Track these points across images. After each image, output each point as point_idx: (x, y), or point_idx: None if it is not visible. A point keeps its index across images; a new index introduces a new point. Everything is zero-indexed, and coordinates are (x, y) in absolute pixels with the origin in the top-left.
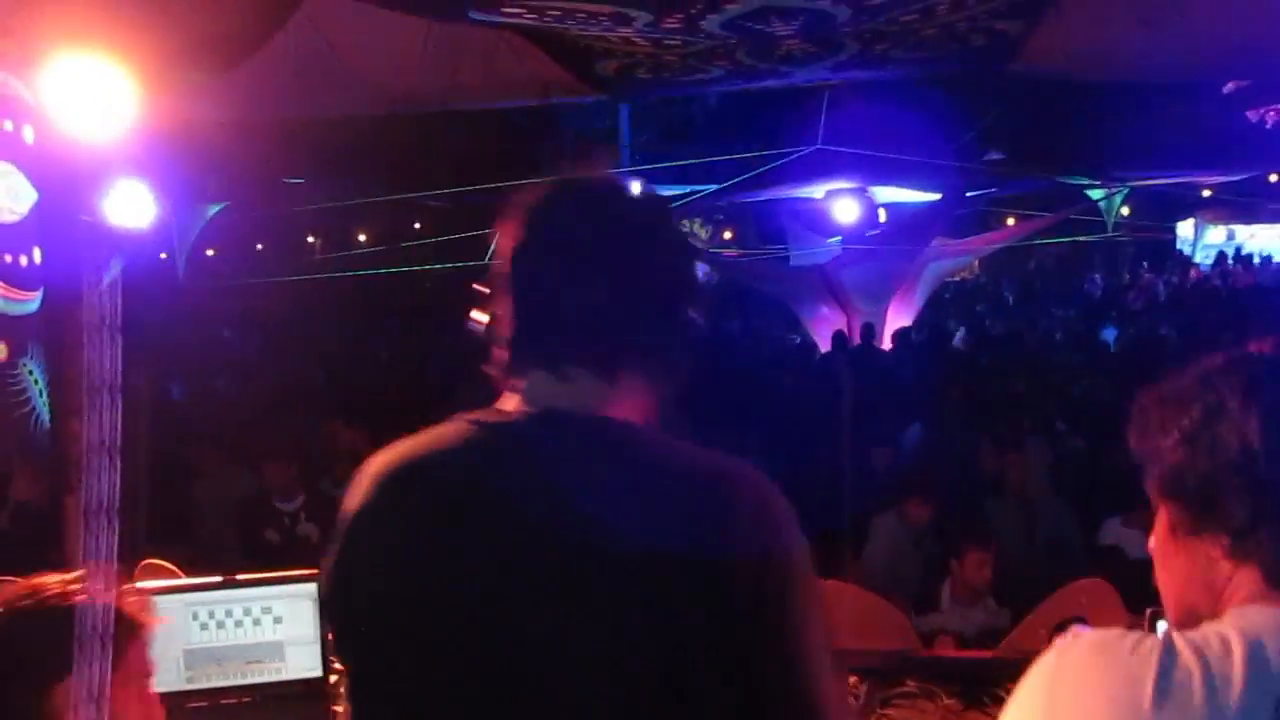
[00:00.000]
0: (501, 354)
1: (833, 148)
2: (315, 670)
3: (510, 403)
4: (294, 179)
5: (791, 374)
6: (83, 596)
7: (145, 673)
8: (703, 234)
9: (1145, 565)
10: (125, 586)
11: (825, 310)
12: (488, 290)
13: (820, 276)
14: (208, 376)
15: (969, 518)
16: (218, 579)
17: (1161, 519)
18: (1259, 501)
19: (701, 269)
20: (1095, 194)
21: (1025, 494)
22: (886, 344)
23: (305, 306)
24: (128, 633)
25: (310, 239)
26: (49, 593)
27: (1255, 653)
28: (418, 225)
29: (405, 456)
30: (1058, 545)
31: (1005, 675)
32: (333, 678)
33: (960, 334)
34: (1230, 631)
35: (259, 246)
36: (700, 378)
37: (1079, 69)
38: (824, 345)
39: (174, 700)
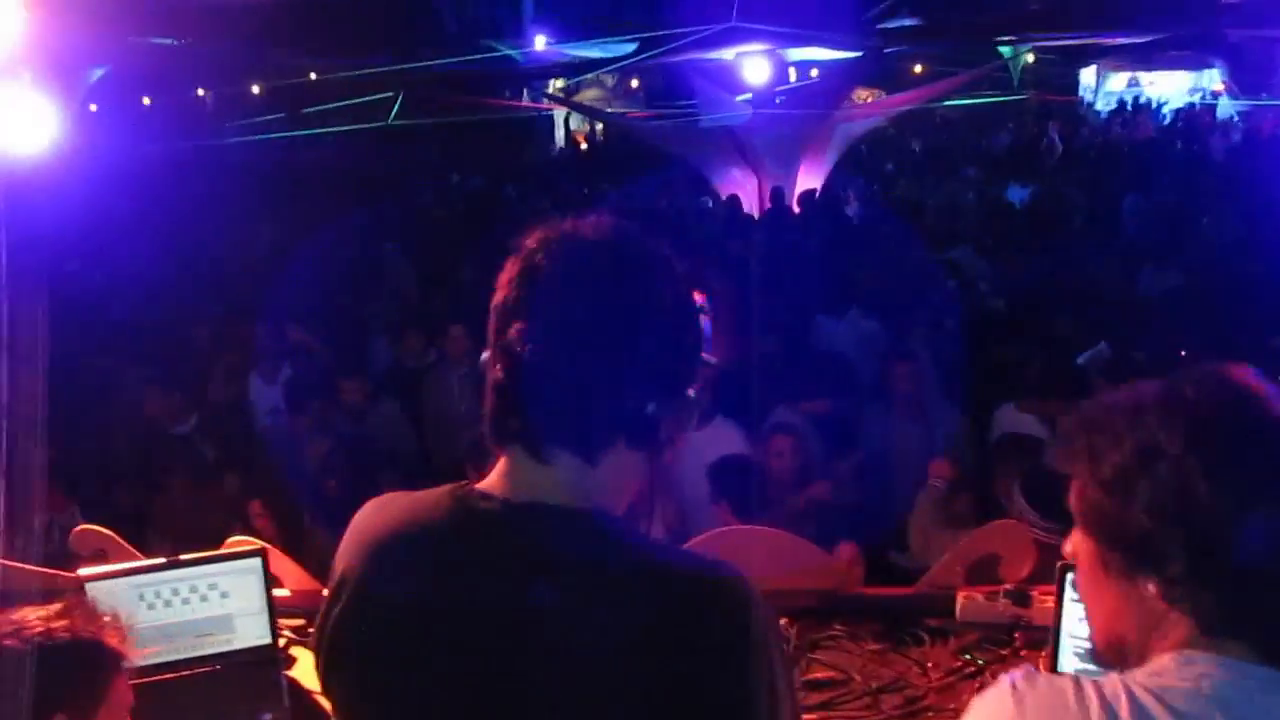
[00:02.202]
0: (488, 416)
1: (747, 24)
2: (265, 638)
3: (495, 479)
4: (171, 40)
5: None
6: (65, 634)
7: (126, 704)
8: (609, 81)
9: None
10: (107, 619)
11: (736, 173)
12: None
13: (730, 138)
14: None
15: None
16: (163, 561)
17: (1089, 550)
18: (1197, 553)
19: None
20: (1005, 51)
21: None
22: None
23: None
24: (111, 667)
25: (200, 92)
26: (33, 630)
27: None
28: (313, 75)
29: (395, 528)
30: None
31: (923, 611)
32: (281, 641)
33: (853, 204)
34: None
35: (145, 101)
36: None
37: None
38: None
39: None
